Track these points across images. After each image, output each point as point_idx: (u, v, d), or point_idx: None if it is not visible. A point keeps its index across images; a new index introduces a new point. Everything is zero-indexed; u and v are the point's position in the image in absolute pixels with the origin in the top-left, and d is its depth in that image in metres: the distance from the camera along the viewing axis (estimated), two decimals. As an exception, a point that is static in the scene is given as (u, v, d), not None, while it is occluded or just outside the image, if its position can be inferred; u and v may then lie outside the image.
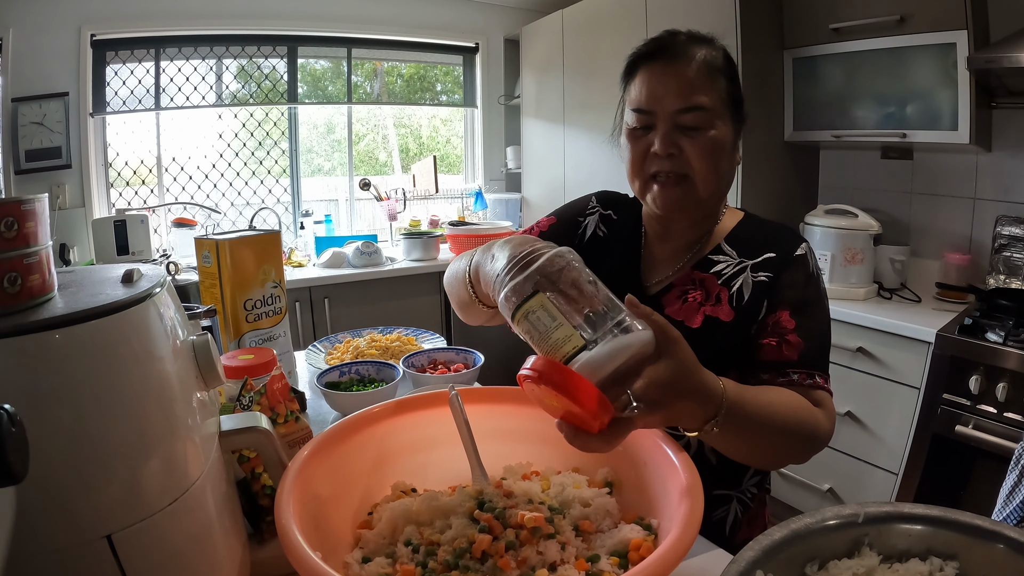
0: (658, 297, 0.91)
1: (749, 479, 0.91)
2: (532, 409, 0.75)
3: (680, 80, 0.82)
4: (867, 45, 2.09)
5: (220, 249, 1.04)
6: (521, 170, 3.61)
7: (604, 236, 1.00)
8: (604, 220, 1.01)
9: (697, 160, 0.83)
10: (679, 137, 0.83)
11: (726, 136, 0.84)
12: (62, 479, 0.42)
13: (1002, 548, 0.47)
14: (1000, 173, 2.07)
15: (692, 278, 0.90)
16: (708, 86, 0.83)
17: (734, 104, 0.86)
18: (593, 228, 1.01)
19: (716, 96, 0.83)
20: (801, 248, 0.87)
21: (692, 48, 0.84)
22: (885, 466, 1.92)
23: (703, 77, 0.83)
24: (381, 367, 1.19)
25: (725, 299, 0.86)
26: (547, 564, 0.55)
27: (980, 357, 1.64)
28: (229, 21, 2.94)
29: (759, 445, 0.72)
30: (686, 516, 0.52)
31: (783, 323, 0.82)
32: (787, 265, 0.85)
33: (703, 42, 0.86)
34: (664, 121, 0.83)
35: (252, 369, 0.91)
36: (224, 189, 3.17)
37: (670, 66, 0.84)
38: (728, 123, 0.85)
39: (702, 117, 0.82)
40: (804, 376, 0.80)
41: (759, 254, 0.87)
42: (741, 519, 0.90)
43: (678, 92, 0.82)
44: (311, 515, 0.57)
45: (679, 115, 0.83)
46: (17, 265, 0.44)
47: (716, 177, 0.85)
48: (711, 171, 0.84)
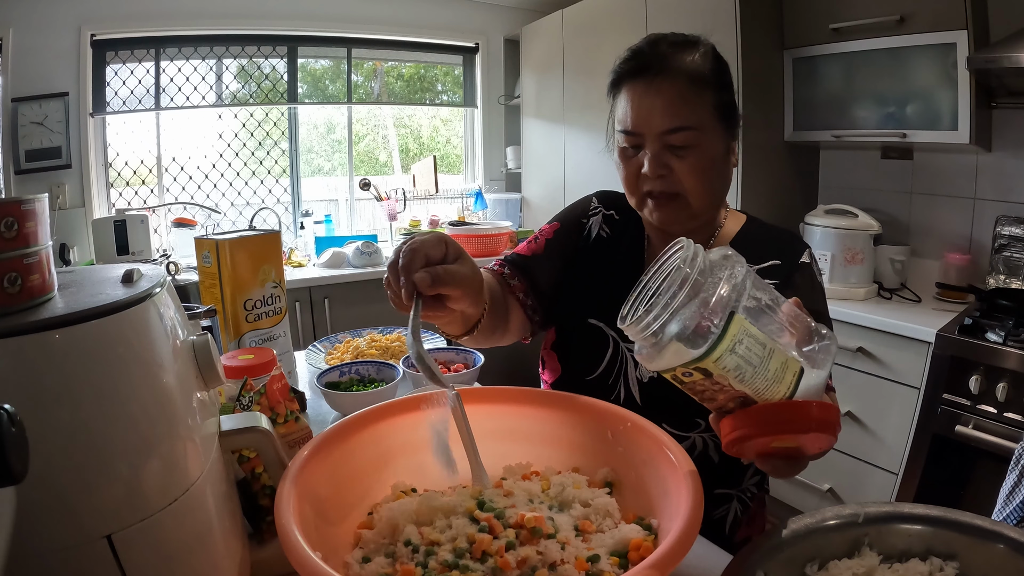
0: None
1: (750, 478, 0.91)
2: (532, 409, 0.75)
3: (665, 98, 0.81)
4: (867, 45, 2.09)
5: (220, 249, 1.04)
6: (521, 170, 3.61)
7: (608, 237, 0.99)
8: (607, 220, 1.00)
9: (687, 179, 0.82)
10: (668, 157, 0.82)
11: (716, 148, 0.83)
12: (62, 479, 0.42)
13: (1002, 548, 0.47)
14: (1000, 173, 2.07)
15: None
16: (694, 102, 0.81)
17: (725, 112, 0.84)
18: (597, 229, 0.99)
19: (703, 110, 0.82)
20: (805, 255, 0.87)
21: (675, 59, 0.82)
22: (885, 466, 1.92)
23: (688, 93, 0.81)
24: (381, 367, 1.19)
25: None
26: (547, 564, 0.55)
27: (980, 357, 1.64)
28: (229, 21, 2.94)
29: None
30: (686, 516, 0.52)
31: None
32: (793, 274, 0.85)
33: (687, 47, 0.84)
34: (652, 142, 0.82)
35: (252, 369, 0.91)
36: (224, 189, 3.17)
37: (653, 85, 0.82)
38: (719, 133, 0.84)
39: (690, 136, 0.81)
40: None
41: (763, 260, 0.87)
42: (741, 518, 0.90)
43: (663, 112, 0.81)
44: (311, 515, 0.57)
45: (666, 136, 0.81)
46: (17, 265, 0.44)
47: (710, 191, 0.85)
48: (703, 188, 0.84)
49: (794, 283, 0.85)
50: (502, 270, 0.96)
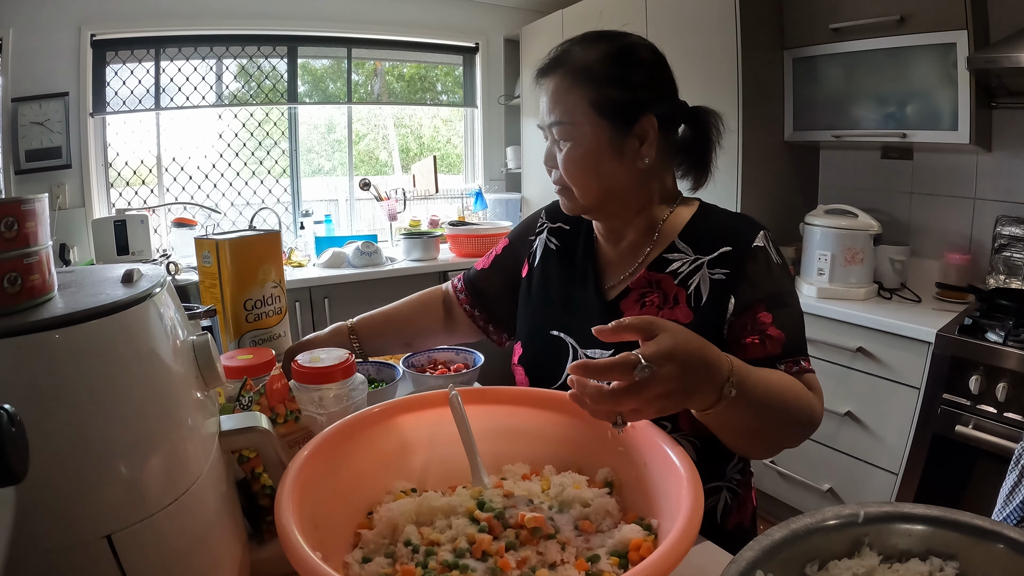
0: (616, 302, 0.90)
1: (732, 468, 0.90)
2: (532, 409, 0.75)
3: (548, 93, 0.86)
4: (867, 45, 2.09)
5: (220, 249, 1.04)
6: (521, 170, 3.61)
7: (557, 248, 1.01)
8: (554, 233, 1.03)
9: (565, 171, 0.86)
10: (556, 150, 0.87)
11: (595, 144, 0.83)
12: (62, 479, 0.42)
13: (1002, 548, 0.47)
14: (1000, 173, 2.07)
15: (648, 280, 0.89)
16: (568, 95, 0.83)
17: (612, 107, 0.82)
18: (544, 246, 1.03)
19: (576, 104, 0.83)
20: (759, 239, 0.84)
21: (567, 55, 0.85)
22: (885, 466, 1.92)
23: (564, 88, 0.84)
24: (381, 367, 1.19)
25: (683, 300, 0.85)
26: (547, 564, 0.55)
27: (980, 357, 1.64)
28: (229, 21, 2.94)
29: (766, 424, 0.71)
30: (686, 516, 0.52)
31: (761, 320, 0.80)
32: (746, 259, 0.83)
33: (591, 43, 0.86)
34: (547, 136, 0.88)
35: (252, 369, 0.90)
36: (224, 189, 3.17)
37: (544, 80, 0.87)
38: (601, 128, 0.83)
39: (563, 130, 0.84)
40: (791, 365, 0.79)
41: (715, 249, 0.85)
42: (731, 504, 0.90)
43: (546, 106, 0.86)
44: (311, 515, 0.57)
45: (550, 128, 0.86)
46: (17, 265, 0.44)
47: (594, 186, 0.86)
48: (582, 180, 0.86)
49: (746, 270, 0.83)
50: (456, 284, 1.14)
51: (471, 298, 1.11)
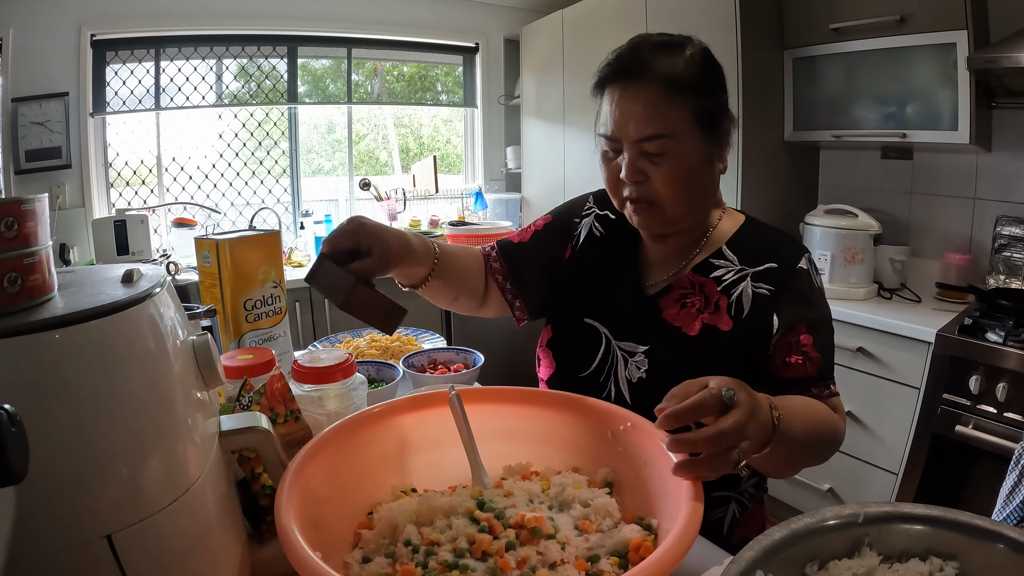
0: (656, 299, 0.90)
1: (748, 480, 0.91)
2: (532, 409, 0.75)
3: (641, 105, 0.80)
4: (867, 45, 2.09)
5: (220, 249, 1.04)
6: (521, 170, 3.61)
7: (601, 236, 1.00)
8: (601, 220, 1.01)
9: (662, 187, 0.81)
10: (645, 163, 0.82)
11: (695, 156, 0.82)
12: (62, 479, 0.42)
13: (1002, 548, 0.47)
14: (1000, 173, 2.07)
15: (691, 282, 0.89)
16: (670, 108, 0.79)
17: (707, 119, 0.82)
18: (588, 229, 1.01)
19: (680, 117, 0.80)
20: (803, 261, 0.86)
21: (654, 63, 0.80)
22: (885, 466, 1.92)
23: (664, 99, 0.79)
24: (381, 367, 1.19)
25: (724, 307, 0.85)
26: (547, 564, 0.55)
27: (980, 357, 1.64)
28: (229, 21, 2.94)
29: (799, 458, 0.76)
30: (686, 516, 0.52)
31: (803, 341, 0.82)
32: (791, 279, 0.84)
33: (671, 50, 0.82)
34: (629, 148, 0.82)
35: (252, 369, 0.90)
36: (224, 189, 3.17)
37: (629, 89, 0.81)
38: (699, 140, 0.82)
39: (664, 144, 0.80)
40: (823, 388, 0.82)
41: (760, 263, 0.86)
42: (739, 518, 0.90)
43: (639, 118, 0.80)
44: (311, 515, 0.57)
45: (642, 143, 0.80)
46: (17, 265, 0.44)
47: (687, 199, 0.84)
48: (678, 196, 0.83)
49: (790, 290, 0.84)
50: (489, 252, 1.04)
51: (506, 269, 1.02)
